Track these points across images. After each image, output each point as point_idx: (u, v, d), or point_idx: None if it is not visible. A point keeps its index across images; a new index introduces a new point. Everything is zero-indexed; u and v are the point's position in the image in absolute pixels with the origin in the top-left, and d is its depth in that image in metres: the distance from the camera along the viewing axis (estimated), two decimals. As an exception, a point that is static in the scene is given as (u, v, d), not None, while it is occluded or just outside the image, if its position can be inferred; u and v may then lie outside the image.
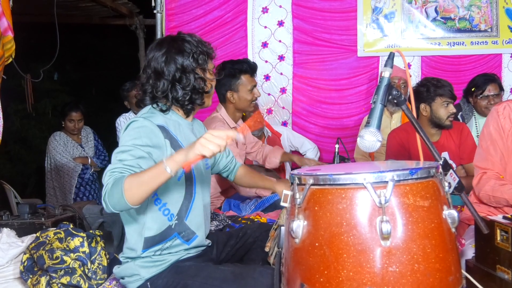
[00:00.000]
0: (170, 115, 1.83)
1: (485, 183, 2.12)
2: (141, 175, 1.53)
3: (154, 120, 1.74)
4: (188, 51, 1.79)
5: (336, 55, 4.47)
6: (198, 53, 1.80)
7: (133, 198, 1.51)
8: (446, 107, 2.92)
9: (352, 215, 1.19)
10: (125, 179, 1.51)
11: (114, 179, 1.54)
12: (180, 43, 1.81)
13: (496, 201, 2.10)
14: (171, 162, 1.50)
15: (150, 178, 1.51)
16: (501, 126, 2.12)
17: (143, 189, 1.51)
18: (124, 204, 1.51)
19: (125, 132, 1.71)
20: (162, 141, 1.71)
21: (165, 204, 1.76)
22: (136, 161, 1.60)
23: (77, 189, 4.42)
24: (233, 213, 2.80)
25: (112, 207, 1.53)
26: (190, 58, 1.79)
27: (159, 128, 1.72)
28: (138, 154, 1.62)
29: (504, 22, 4.28)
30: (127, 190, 1.49)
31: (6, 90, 2.76)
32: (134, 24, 5.68)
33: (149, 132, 1.69)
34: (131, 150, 1.62)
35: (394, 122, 3.84)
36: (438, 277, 1.18)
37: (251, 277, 1.64)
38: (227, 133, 1.50)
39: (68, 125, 4.46)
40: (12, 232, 2.33)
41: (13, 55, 2.80)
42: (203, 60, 1.82)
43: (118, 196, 1.50)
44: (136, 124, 1.70)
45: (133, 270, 1.76)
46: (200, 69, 1.82)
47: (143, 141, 1.65)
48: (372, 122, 1.40)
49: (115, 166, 1.59)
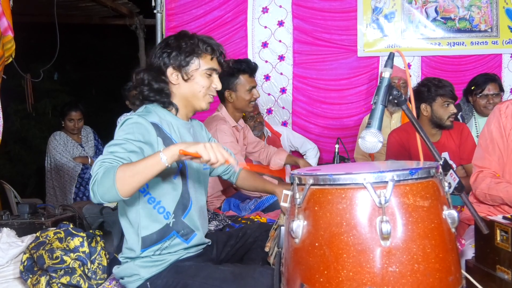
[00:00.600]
0: (164, 115, 1.83)
1: (481, 181, 2.13)
2: (135, 164, 1.52)
3: (149, 118, 1.74)
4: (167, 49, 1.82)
5: (336, 55, 4.48)
6: (176, 52, 1.80)
7: (124, 188, 1.48)
8: (446, 107, 2.91)
9: (352, 215, 1.19)
10: (118, 168, 1.50)
11: (104, 168, 1.52)
12: (166, 42, 1.84)
13: (491, 199, 2.11)
14: (168, 152, 1.50)
15: (144, 167, 1.50)
16: (503, 125, 2.12)
17: (136, 178, 1.49)
18: (113, 194, 1.49)
19: (119, 128, 1.71)
20: (154, 138, 1.71)
21: (159, 202, 1.76)
22: (127, 155, 1.59)
23: (77, 188, 4.42)
24: (233, 213, 2.80)
25: (100, 196, 1.51)
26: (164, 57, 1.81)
27: (152, 126, 1.72)
28: (130, 148, 1.62)
29: (504, 22, 4.29)
30: (120, 179, 1.47)
31: (6, 90, 2.77)
32: (134, 24, 5.68)
33: (142, 128, 1.69)
34: (123, 143, 1.62)
35: (394, 122, 3.84)
36: (438, 277, 1.18)
37: (251, 277, 1.64)
38: (229, 158, 1.54)
39: (68, 124, 4.46)
40: (12, 232, 2.33)
41: (13, 55, 2.80)
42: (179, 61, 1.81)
43: (109, 184, 1.48)
44: (131, 121, 1.71)
45: (133, 270, 1.76)
46: (174, 68, 1.82)
47: (136, 136, 1.66)
48: (373, 123, 1.40)
49: (106, 157, 1.57)
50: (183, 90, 1.84)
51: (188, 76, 1.82)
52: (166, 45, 1.84)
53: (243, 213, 2.83)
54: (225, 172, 2.17)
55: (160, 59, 1.82)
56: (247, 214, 2.78)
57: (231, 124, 2.95)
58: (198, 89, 1.84)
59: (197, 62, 1.82)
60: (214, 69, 1.87)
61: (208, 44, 1.85)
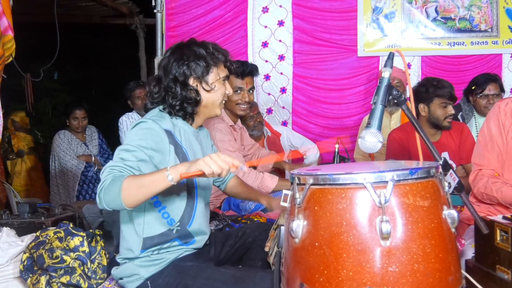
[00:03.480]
0: (177, 121, 1.83)
1: (479, 179, 2.14)
2: (142, 178, 1.54)
3: (162, 124, 1.74)
4: (185, 60, 1.79)
5: (336, 55, 4.48)
6: (195, 63, 1.79)
7: (129, 199, 1.51)
8: (444, 108, 2.90)
9: (352, 215, 1.19)
10: (124, 178, 1.52)
11: (113, 176, 1.54)
12: (180, 52, 1.82)
13: (488, 198, 2.12)
14: (174, 171, 1.51)
15: (150, 182, 1.52)
16: (502, 122, 2.11)
17: (141, 192, 1.52)
18: (118, 203, 1.51)
19: (132, 131, 1.72)
20: (166, 146, 1.72)
21: (165, 207, 1.77)
22: (137, 164, 1.61)
23: (80, 186, 4.44)
24: (233, 213, 2.81)
25: (106, 204, 1.53)
26: (183, 67, 1.78)
27: (165, 133, 1.73)
28: (140, 157, 1.63)
29: (504, 22, 4.29)
30: (125, 189, 1.50)
31: (6, 89, 2.77)
32: (134, 24, 5.69)
33: (156, 135, 1.70)
34: (135, 151, 1.63)
35: (394, 122, 3.84)
36: (438, 277, 1.18)
37: (252, 281, 1.64)
38: (234, 161, 1.52)
39: (72, 123, 4.49)
40: (12, 231, 2.33)
41: (13, 54, 2.80)
42: (200, 71, 1.80)
43: (115, 194, 1.50)
44: (145, 125, 1.71)
45: (132, 270, 1.76)
46: (195, 79, 1.81)
47: (148, 143, 1.66)
48: (373, 123, 1.40)
49: (116, 164, 1.59)
50: (205, 100, 1.84)
51: (210, 86, 1.82)
52: (181, 55, 1.81)
53: (243, 212, 2.83)
54: (217, 180, 2.18)
55: (179, 69, 1.79)
56: (247, 213, 2.77)
57: (229, 123, 2.95)
58: (218, 97, 1.86)
59: (215, 71, 1.83)
60: (227, 76, 1.89)
61: (221, 52, 1.85)
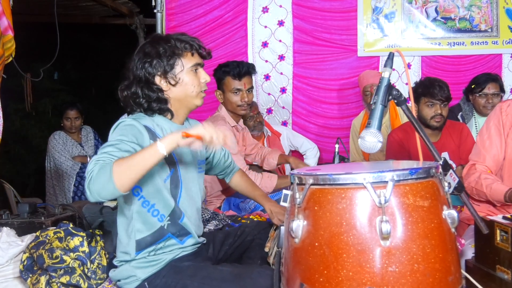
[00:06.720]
0: (157, 119, 1.82)
1: (471, 174, 2.15)
2: (131, 157, 1.52)
3: (141, 121, 1.75)
4: (148, 59, 1.78)
5: (336, 55, 4.48)
6: (156, 60, 1.77)
7: (121, 181, 1.47)
8: (430, 108, 2.89)
9: (352, 215, 1.19)
10: (114, 162, 1.49)
11: (100, 165, 1.51)
12: (143, 52, 1.81)
13: (477, 194, 2.13)
14: (166, 140, 1.51)
15: (141, 159, 1.50)
16: (502, 123, 2.13)
17: (134, 170, 1.49)
18: (111, 189, 1.48)
19: (113, 132, 1.72)
20: (147, 141, 1.71)
21: (154, 205, 1.76)
22: (122, 154, 1.58)
23: (76, 187, 4.44)
24: (233, 213, 2.81)
25: (96, 193, 1.49)
26: (146, 67, 1.77)
27: (145, 128, 1.73)
28: (124, 148, 1.61)
29: (504, 22, 4.29)
30: (116, 172, 1.47)
31: (6, 89, 2.76)
32: (134, 24, 5.68)
33: (136, 131, 1.70)
34: (117, 144, 1.62)
35: (384, 122, 3.83)
36: (438, 277, 1.18)
37: (250, 278, 1.64)
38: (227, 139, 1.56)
39: (65, 123, 4.51)
40: (12, 231, 2.33)
41: (13, 54, 2.80)
42: (162, 67, 1.78)
43: (105, 180, 1.47)
44: (124, 123, 1.72)
45: (129, 272, 1.76)
46: (160, 76, 1.79)
47: (129, 137, 1.66)
48: (373, 123, 1.40)
49: (100, 156, 1.56)
50: (176, 94, 1.82)
51: (176, 79, 1.79)
52: (144, 54, 1.79)
53: (243, 212, 2.83)
54: (222, 172, 2.18)
55: (143, 70, 1.78)
56: (247, 213, 2.77)
57: (231, 124, 2.96)
58: (190, 89, 1.81)
59: (180, 63, 1.79)
60: (198, 64, 1.83)
61: (185, 41, 1.81)
